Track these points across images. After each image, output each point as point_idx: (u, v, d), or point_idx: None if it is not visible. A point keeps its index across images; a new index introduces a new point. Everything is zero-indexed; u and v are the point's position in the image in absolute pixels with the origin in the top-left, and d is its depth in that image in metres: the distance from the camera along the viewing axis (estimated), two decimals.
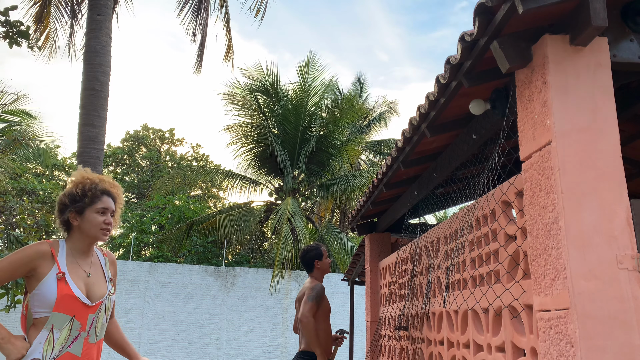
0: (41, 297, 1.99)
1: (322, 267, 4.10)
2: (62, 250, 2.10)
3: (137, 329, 12.71)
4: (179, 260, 15.55)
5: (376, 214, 5.24)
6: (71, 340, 2.00)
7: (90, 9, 7.87)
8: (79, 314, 2.03)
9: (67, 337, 1.99)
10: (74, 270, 2.09)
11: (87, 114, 7.35)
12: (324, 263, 4.10)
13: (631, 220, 1.85)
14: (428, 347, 3.45)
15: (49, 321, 1.97)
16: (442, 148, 3.34)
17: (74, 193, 2.16)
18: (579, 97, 1.94)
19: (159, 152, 24.06)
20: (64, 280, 2.02)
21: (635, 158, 3.95)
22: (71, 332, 2.00)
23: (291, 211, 13.01)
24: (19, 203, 11.36)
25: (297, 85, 15.27)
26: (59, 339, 1.98)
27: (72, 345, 2.01)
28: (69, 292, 2.01)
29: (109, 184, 2.26)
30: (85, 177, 2.22)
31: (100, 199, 2.17)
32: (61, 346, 1.98)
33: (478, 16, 2.01)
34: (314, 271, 4.11)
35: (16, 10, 4.89)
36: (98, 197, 2.17)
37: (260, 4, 10.14)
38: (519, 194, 2.33)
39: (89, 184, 2.19)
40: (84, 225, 2.14)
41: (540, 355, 1.95)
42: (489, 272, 2.57)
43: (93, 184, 2.20)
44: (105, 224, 2.16)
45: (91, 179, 2.22)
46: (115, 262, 2.38)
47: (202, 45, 10.44)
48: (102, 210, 2.16)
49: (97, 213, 2.15)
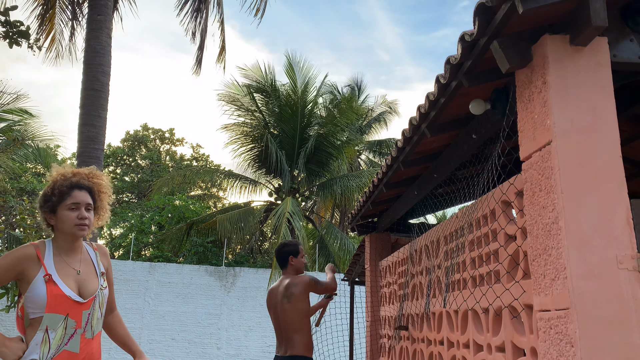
0: (33, 299, 1.98)
1: (296, 264, 3.87)
2: (48, 251, 2.07)
3: (137, 329, 12.71)
4: (179, 260, 15.56)
5: (376, 214, 5.24)
6: (67, 339, 2.00)
7: (90, 9, 7.87)
8: (72, 312, 2.02)
9: (62, 336, 1.99)
10: (63, 269, 2.06)
11: (87, 114, 7.36)
12: (299, 261, 3.88)
13: (631, 220, 1.85)
14: (428, 347, 3.45)
15: (43, 322, 1.97)
16: (442, 148, 3.34)
17: (47, 192, 2.08)
18: (579, 97, 1.94)
19: (159, 152, 24.06)
20: (52, 282, 1.99)
21: (635, 158, 3.95)
22: (66, 331, 2.00)
23: (290, 211, 13.01)
24: (19, 203, 11.36)
25: (288, 86, 15.30)
26: (55, 338, 1.97)
27: (68, 343, 2.00)
28: (59, 292, 2.00)
29: (83, 175, 2.15)
30: (59, 173, 2.12)
31: (69, 194, 2.06)
32: (57, 345, 1.97)
33: (478, 16, 2.01)
34: (287, 267, 3.89)
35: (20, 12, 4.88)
36: (67, 193, 2.06)
37: (260, 3, 10.14)
38: (519, 194, 2.33)
39: (60, 180, 2.09)
40: (59, 224, 2.07)
41: (540, 355, 1.95)
42: (489, 272, 2.57)
43: (62, 179, 2.09)
44: (78, 219, 2.06)
45: (63, 174, 2.11)
46: (106, 253, 2.32)
47: (201, 46, 10.43)
48: (72, 207, 2.06)
49: (68, 210, 2.05)
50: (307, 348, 3.63)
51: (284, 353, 3.65)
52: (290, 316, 3.66)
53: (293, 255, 3.85)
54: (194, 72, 10.74)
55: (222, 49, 10.89)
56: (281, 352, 3.70)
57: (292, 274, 3.84)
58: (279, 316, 3.74)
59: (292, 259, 3.85)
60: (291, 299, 3.66)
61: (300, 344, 3.61)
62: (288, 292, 3.69)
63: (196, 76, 10.98)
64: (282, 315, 3.71)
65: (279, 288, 3.81)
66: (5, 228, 10.69)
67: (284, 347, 3.68)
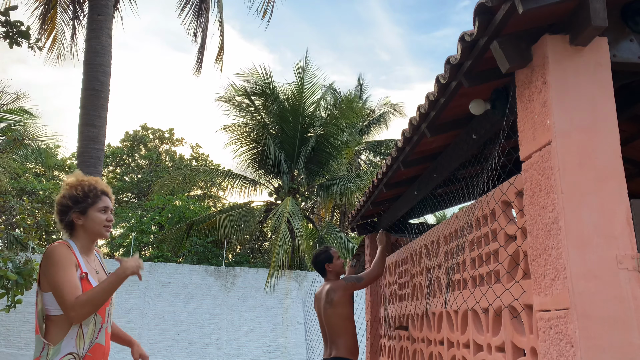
0: None
1: (334, 269, 4.01)
2: (76, 251, 2.24)
3: (137, 329, 12.70)
4: (179, 260, 15.55)
5: (376, 214, 5.24)
6: (97, 333, 2.20)
7: (90, 9, 7.87)
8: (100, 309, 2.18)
9: (93, 331, 2.18)
10: (89, 268, 2.24)
11: (88, 114, 7.35)
12: (335, 265, 4.01)
13: (631, 220, 1.85)
14: (428, 347, 3.45)
15: None
16: (442, 148, 3.34)
17: (75, 195, 2.28)
18: (579, 97, 1.94)
19: (159, 152, 24.06)
20: (86, 280, 2.17)
21: (635, 158, 3.95)
22: (96, 326, 2.19)
23: (290, 211, 13.01)
24: (19, 203, 11.36)
25: (294, 86, 15.30)
26: (87, 333, 2.15)
27: (99, 336, 2.20)
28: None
29: (104, 184, 2.42)
30: (81, 179, 2.36)
31: (100, 198, 2.33)
32: (90, 339, 2.17)
33: (478, 16, 2.01)
34: (327, 274, 4.04)
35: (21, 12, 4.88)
36: (99, 197, 2.32)
37: (267, 5, 10.12)
38: (519, 194, 2.33)
39: (88, 186, 2.33)
40: (88, 224, 2.28)
41: (540, 355, 1.95)
42: (489, 272, 2.57)
43: (92, 185, 2.34)
44: (107, 221, 2.33)
45: (88, 181, 2.36)
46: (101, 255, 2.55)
47: (202, 46, 10.42)
48: (104, 209, 2.32)
49: (100, 212, 2.31)
50: (350, 352, 3.79)
51: (328, 355, 3.85)
52: (333, 321, 3.85)
53: (328, 262, 4.01)
54: (195, 72, 10.75)
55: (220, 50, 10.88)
56: (326, 354, 3.88)
57: (333, 279, 4.00)
58: (324, 321, 3.92)
59: (328, 266, 4.02)
60: (332, 305, 3.84)
61: (343, 347, 3.79)
62: (329, 297, 3.88)
63: (197, 76, 10.98)
64: (326, 320, 3.89)
65: (322, 294, 3.99)
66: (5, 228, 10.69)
67: (329, 349, 3.88)
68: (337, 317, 3.85)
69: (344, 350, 3.79)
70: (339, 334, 3.84)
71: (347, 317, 3.87)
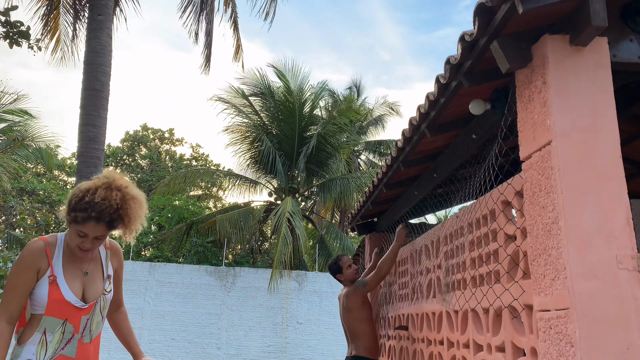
0: (35, 297, 1.97)
1: (346, 277, 4.18)
2: (59, 247, 2.03)
3: (137, 329, 12.70)
4: (179, 260, 15.55)
5: (376, 214, 5.23)
6: (64, 343, 1.98)
7: (90, 9, 7.86)
8: (71, 317, 1.99)
9: (59, 340, 1.97)
10: (70, 269, 2.02)
11: (88, 113, 7.35)
12: (347, 274, 4.17)
13: (631, 220, 1.85)
14: (428, 347, 3.45)
15: (41, 324, 1.95)
16: (442, 148, 3.34)
17: (69, 200, 1.98)
18: (579, 97, 1.94)
19: (159, 152, 24.06)
20: (55, 284, 1.96)
21: (635, 158, 3.95)
22: (64, 335, 1.98)
23: (290, 211, 13.01)
24: (19, 203, 11.36)
25: (283, 88, 15.41)
26: (52, 341, 1.96)
27: (65, 347, 1.98)
28: (59, 297, 1.96)
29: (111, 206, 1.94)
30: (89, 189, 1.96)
31: (82, 224, 1.92)
32: (54, 349, 1.96)
33: (478, 16, 2.01)
34: (343, 282, 4.23)
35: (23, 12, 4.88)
36: (84, 220, 1.92)
37: (269, 6, 10.12)
38: (519, 194, 2.32)
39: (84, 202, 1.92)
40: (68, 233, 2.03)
41: (540, 355, 1.95)
42: (489, 272, 2.57)
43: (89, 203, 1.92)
44: (80, 245, 1.99)
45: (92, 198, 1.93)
46: (118, 251, 2.25)
47: (209, 45, 10.38)
48: (81, 234, 1.96)
49: (76, 235, 1.97)
50: (369, 352, 4.01)
51: (349, 354, 4.07)
52: (350, 324, 4.09)
53: (339, 273, 4.21)
54: (203, 72, 10.71)
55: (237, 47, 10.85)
56: (348, 352, 4.12)
57: (348, 285, 4.19)
58: (343, 323, 4.17)
59: (340, 277, 4.22)
60: (347, 310, 4.07)
61: (362, 347, 4.00)
62: (344, 303, 4.11)
63: (205, 75, 10.98)
64: (345, 323, 4.15)
65: (340, 298, 4.22)
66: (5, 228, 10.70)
67: (350, 349, 4.11)
68: (353, 321, 4.05)
69: (363, 350, 3.99)
70: (357, 335, 4.05)
71: (363, 319, 4.05)
